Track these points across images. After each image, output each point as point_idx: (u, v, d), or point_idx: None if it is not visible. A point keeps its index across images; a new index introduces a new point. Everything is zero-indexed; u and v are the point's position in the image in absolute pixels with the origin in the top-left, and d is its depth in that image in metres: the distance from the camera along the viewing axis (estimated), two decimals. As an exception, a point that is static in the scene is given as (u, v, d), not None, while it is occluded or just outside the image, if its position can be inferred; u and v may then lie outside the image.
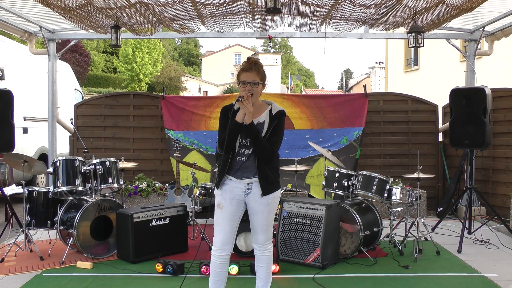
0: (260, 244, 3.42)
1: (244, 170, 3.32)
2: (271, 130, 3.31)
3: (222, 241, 3.31)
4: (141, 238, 4.90)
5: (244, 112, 3.20)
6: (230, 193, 3.33)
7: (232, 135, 3.24)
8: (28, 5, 6.20)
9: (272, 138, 3.31)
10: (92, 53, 41.88)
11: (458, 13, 5.87)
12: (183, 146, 7.39)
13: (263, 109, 3.38)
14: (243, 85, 3.28)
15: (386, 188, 5.22)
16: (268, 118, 3.34)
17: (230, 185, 3.33)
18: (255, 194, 3.32)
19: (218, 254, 3.32)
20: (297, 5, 6.16)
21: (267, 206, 3.35)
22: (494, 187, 7.17)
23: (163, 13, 6.33)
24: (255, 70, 3.29)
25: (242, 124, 3.23)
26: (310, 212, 4.80)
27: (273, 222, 3.47)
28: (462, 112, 5.88)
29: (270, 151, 3.29)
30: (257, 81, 3.29)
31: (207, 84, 47.52)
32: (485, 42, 7.61)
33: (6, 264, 4.81)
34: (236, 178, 3.32)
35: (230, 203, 3.32)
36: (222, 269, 3.35)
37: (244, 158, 3.32)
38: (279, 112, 3.35)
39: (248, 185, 3.32)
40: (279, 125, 3.34)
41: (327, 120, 7.67)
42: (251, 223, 3.42)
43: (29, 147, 8.58)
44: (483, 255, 5.26)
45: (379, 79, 42.48)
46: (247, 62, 3.33)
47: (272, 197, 3.34)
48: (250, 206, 3.37)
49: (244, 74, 3.30)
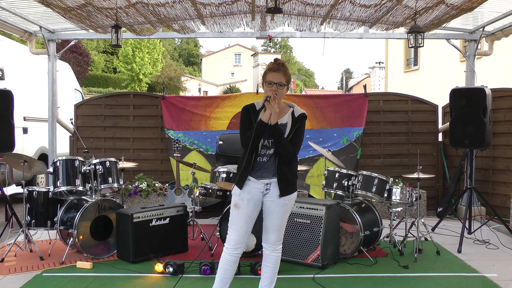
0: (271, 244, 3.43)
1: (263, 171, 3.32)
2: (293, 132, 3.32)
3: (236, 240, 3.34)
4: (141, 238, 4.90)
5: (270, 112, 3.20)
6: (248, 194, 3.33)
7: (257, 134, 3.24)
8: (28, 5, 6.20)
9: (293, 140, 3.32)
10: (92, 53, 41.88)
11: (458, 13, 5.87)
12: (183, 146, 7.38)
13: (285, 111, 3.40)
14: (269, 85, 3.29)
15: (386, 188, 5.22)
16: (291, 120, 3.35)
17: (248, 186, 3.33)
18: (273, 194, 3.33)
19: (232, 252, 3.34)
20: (297, 5, 6.17)
21: (283, 207, 3.36)
22: (494, 187, 7.17)
23: (163, 13, 6.33)
24: (282, 72, 3.31)
25: (267, 124, 3.23)
26: (310, 212, 4.80)
27: (285, 224, 3.48)
28: (462, 112, 5.88)
29: (292, 153, 3.31)
30: (283, 82, 3.30)
31: (207, 84, 47.52)
32: (485, 42, 7.61)
33: (6, 264, 4.81)
34: (255, 178, 3.33)
35: (247, 205, 3.33)
36: (231, 267, 3.37)
37: (265, 158, 3.33)
38: (301, 115, 3.37)
39: (267, 186, 3.33)
40: (301, 128, 3.36)
41: (327, 120, 7.67)
42: (264, 223, 3.42)
43: (29, 147, 8.58)
44: (483, 255, 5.26)
45: (379, 79, 42.45)
46: (275, 63, 3.34)
47: (289, 198, 3.36)
48: (266, 206, 3.38)
49: (271, 74, 3.31)
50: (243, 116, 3.38)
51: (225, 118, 7.65)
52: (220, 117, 7.67)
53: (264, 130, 3.24)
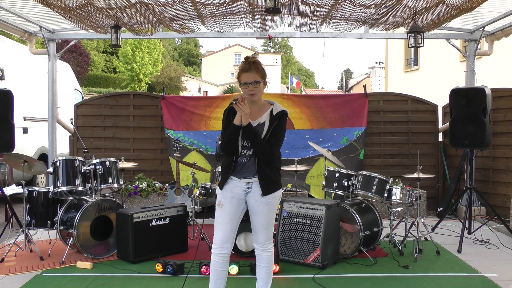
0: (261, 243, 3.42)
1: (244, 171, 3.32)
2: (271, 131, 3.30)
3: (222, 240, 3.32)
4: (141, 238, 4.90)
5: (241, 114, 3.20)
6: (231, 192, 3.33)
7: (231, 137, 3.25)
8: (28, 5, 6.20)
9: (271, 139, 3.30)
10: (92, 53, 41.89)
11: (458, 13, 5.87)
12: (183, 146, 7.38)
13: (265, 110, 3.37)
14: (245, 86, 3.28)
15: (386, 188, 5.22)
16: (269, 119, 3.33)
17: (231, 184, 3.34)
18: (255, 193, 3.32)
19: (218, 253, 3.32)
20: (297, 5, 6.17)
21: (267, 206, 3.34)
22: (494, 187, 7.17)
23: (163, 13, 6.33)
24: (254, 69, 3.28)
25: (240, 126, 3.22)
26: (310, 212, 4.80)
27: (273, 222, 3.47)
28: (462, 112, 5.88)
29: (269, 152, 3.28)
30: (258, 79, 3.28)
31: (207, 84, 47.51)
32: (485, 42, 7.60)
33: (6, 264, 4.81)
34: (237, 178, 3.33)
35: (230, 202, 3.33)
36: (222, 268, 3.35)
37: (246, 159, 3.32)
38: (280, 113, 3.33)
39: (248, 185, 3.32)
40: (279, 126, 3.32)
41: (327, 120, 7.67)
42: (252, 223, 3.42)
43: (29, 147, 8.59)
44: (483, 255, 5.26)
45: (379, 79, 42.46)
46: (245, 62, 3.31)
47: (272, 196, 3.34)
48: (250, 206, 3.37)
49: (244, 75, 3.29)
50: (223, 119, 3.39)
51: (225, 118, 7.64)
52: (220, 117, 7.51)
53: (237, 133, 3.24)
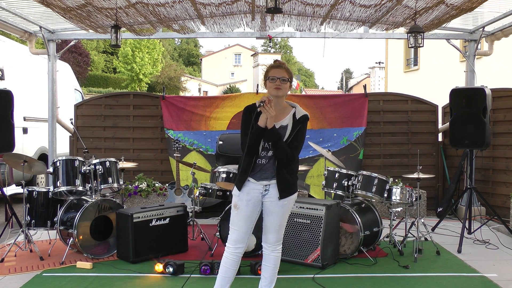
0: (270, 244, 3.43)
1: (263, 172, 3.32)
2: (293, 134, 3.30)
3: (236, 240, 3.34)
4: (141, 238, 4.90)
5: (266, 117, 3.19)
6: (247, 195, 3.32)
7: (255, 140, 3.24)
8: (28, 5, 6.19)
9: (293, 143, 3.30)
10: (92, 53, 41.88)
11: (458, 13, 5.87)
12: (183, 146, 7.38)
13: (287, 112, 3.37)
14: (272, 80, 3.28)
15: (386, 188, 5.22)
16: (292, 122, 3.33)
17: (248, 187, 3.33)
18: (272, 195, 3.32)
19: (233, 251, 3.34)
20: (297, 5, 6.17)
21: (282, 208, 3.35)
22: (494, 187, 7.17)
23: (163, 13, 6.33)
24: (285, 68, 3.32)
25: (264, 128, 3.21)
26: (310, 212, 4.80)
27: (285, 224, 3.48)
28: (462, 112, 5.88)
29: (290, 156, 3.28)
30: (286, 77, 3.29)
31: (207, 84, 47.51)
32: (485, 42, 7.60)
33: (6, 264, 4.81)
34: (255, 180, 3.32)
35: (246, 205, 3.32)
36: (233, 267, 3.36)
37: (265, 160, 3.31)
38: (302, 117, 3.35)
39: (266, 187, 3.32)
40: (302, 130, 3.34)
41: (327, 120, 7.67)
42: (264, 223, 3.42)
43: (29, 147, 8.59)
44: (483, 255, 5.26)
45: (379, 79, 42.44)
46: (277, 61, 3.37)
47: (288, 199, 3.35)
48: (265, 206, 3.38)
49: (274, 70, 3.31)
50: (243, 118, 3.37)
51: (225, 118, 7.65)
52: (220, 117, 7.67)
53: (261, 135, 3.23)
